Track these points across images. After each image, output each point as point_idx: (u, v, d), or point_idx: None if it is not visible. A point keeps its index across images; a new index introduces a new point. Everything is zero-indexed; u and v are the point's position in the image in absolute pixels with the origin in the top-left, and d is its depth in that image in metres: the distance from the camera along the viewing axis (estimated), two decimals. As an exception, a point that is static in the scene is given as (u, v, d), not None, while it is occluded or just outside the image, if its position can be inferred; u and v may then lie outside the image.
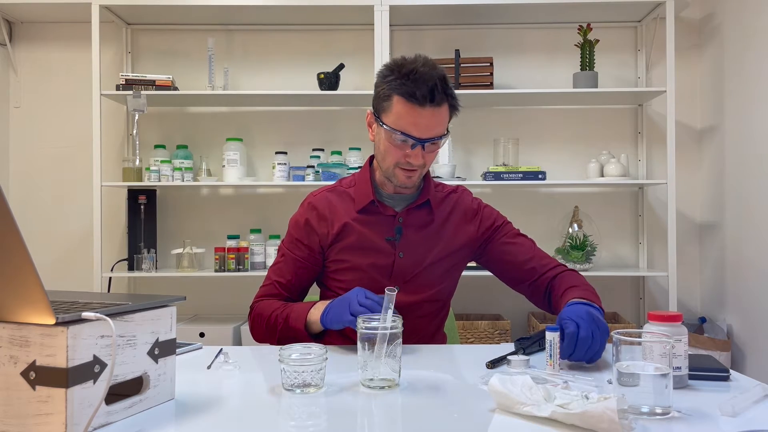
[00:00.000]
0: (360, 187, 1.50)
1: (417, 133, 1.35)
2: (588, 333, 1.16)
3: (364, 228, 1.47)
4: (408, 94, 1.32)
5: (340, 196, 1.51)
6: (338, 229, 1.47)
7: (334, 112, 3.09)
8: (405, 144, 1.37)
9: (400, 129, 1.35)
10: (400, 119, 1.35)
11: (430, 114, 1.34)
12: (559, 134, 3.07)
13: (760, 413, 0.92)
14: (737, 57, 2.71)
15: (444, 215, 1.53)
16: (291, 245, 1.51)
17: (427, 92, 1.32)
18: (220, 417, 0.91)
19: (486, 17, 2.97)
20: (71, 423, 0.78)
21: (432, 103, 1.33)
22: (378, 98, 1.40)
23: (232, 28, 3.09)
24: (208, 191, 3.11)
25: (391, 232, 1.47)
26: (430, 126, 1.35)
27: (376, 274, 1.46)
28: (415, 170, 1.40)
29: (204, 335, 2.76)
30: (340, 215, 1.48)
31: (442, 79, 1.35)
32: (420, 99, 1.32)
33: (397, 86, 1.34)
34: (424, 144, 1.36)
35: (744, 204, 2.65)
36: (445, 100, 1.36)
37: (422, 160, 1.38)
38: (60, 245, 3.08)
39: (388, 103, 1.36)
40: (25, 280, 0.77)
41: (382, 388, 1.05)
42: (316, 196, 1.52)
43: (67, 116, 3.09)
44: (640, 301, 3.06)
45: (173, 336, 0.98)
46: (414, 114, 1.33)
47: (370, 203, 1.47)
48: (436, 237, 1.50)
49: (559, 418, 0.86)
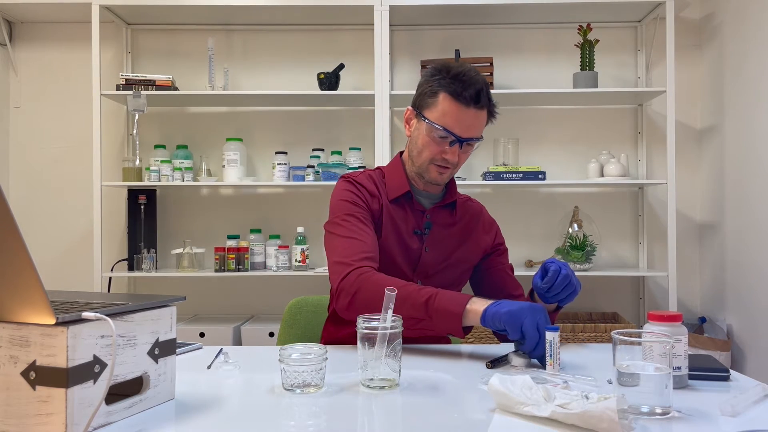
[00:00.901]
0: (394, 178, 1.53)
1: (458, 131, 1.41)
2: (568, 272, 1.33)
3: (398, 216, 1.51)
4: (456, 93, 1.39)
5: (377, 180, 1.54)
6: (381, 207, 1.50)
7: (334, 112, 3.09)
8: (444, 140, 1.43)
9: (443, 125, 1.41)
10: (445, 116, 1.41)
11: (473, 115, 1.41)
12: (559, 134, 3.07)
13: (760, 413, 0.92)
14: (737, 57, 2.71)
15: (466, 219, 1.59)
16: (355, 209, 1.44)
17: (474, 94, 1.39)
18: (220, 417, 0.91)
19: (486, 17, 2.98)
20: (71, 423, 0.78)
21: (476, 105, 1.40)
22: (423, 95, 1.45)
23: (232, 28, 3.09)
24: (208, 191, 3.11)
25: (419, 227, 1.52)
26: (471, 126, 1.42)
27: (403, 263, 1.49)
28: (448, 168, 1.46)
29: (204, 335, 2.76)
30: (381, 196, 1.52)
31: (487, 85, 1.44)
32: (467, 99, 1.39)
33: (446, 84, 1.40)
34: (462, 143, 1.42)
35: (744, 204, 2.65)
36: (487, 105, 1.43)
37: (457, 158, 1.44)
38: (60, 245, 3.08)
39: (433, 100, 1.42)
40: (25, 280, 0.77)
41: (382, 388, 1.05)
42: (358, 176, 1.53)
43: (67, 116, 3.09)
44: (640, 301, 3.06)
45: (173, 336, 0.98)
46: (459, 112, 1.40)
47: (405, 194, 1.51)
48: (458, 238, 1.56)
49: (559, 418, 0.86)
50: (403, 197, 1.51)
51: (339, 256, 1.39)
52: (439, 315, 1.27)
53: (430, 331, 1.32)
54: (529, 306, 1.21)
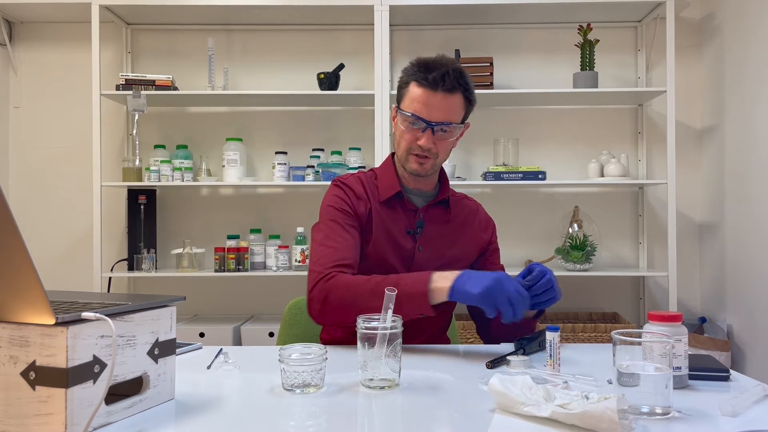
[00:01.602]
0: (385, 179, 1.53)
1: (427, 115, 1.40)
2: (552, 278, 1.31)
3: (389, 217, 1.50)
4: (422, 78, 1.40)
5: (369, 182, 1.54)
6: (369, 210, 1.50)
7: (334, 112, 3.09)
8: (416, 128, 1.42)
9: (411, 111, 1.41)
10: (413, 102, 1.42)
11: (441, 98, 1.40)
12: (559, 134, 3.07)
13: (760, 413, 0.92)
14: (737, 57, 2.71)
15: (461, 217, 1.58)
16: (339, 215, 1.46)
17: (439, 76, 1.38)
18: (220, 417, 0.91)
19: (486, 17, 2.98)
20: (71, 423, 0.78)
21: (444, 87, 1.39)
22: (398, 89, 1.48)
23: (232, 28, 3.09)
24: (208, 191, 3.11)
25: (412, 226, 1.51)
26: (441, 110, 1.40)
27: (396, 263, 1.49)
28: (427, 157, 1.44)
29: (204, 335, 2.76)
30: (370, 199, 1.51)
31: (458, 70, 1.42)
32: (432, 83, 1.39)
33: (413, 73, 1.43)
34: (433, 127, 1.41)
35: (744, 204, 2.65)
36: (458, 88, 1.41)
37: (432, 145, 1.42)
38: (60, 245, 3.08)
39: (405, 90, 1.45)
40: (25, 280, 0.77)
41: (382, 388, 1.05)
42: (347, 179, 1.55)
43: (67, 116, 3.09)
44: (640, 301, 3.06)
45: (173, 336, 0.98)
46: (426, 96, 1.40)
47: (396, 194, 1.50)
48: (453, 236, 1.55)
49: (559, 418, 0.85)
50: (394, 198, 1.51)
51: (313, 263, 1.42)
52: (405, 299, 1.27)
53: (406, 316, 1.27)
54: (496, 281, 1.21)
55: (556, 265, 2.94)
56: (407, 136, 1.44)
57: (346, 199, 1.49)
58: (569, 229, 2.90)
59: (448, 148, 1.48)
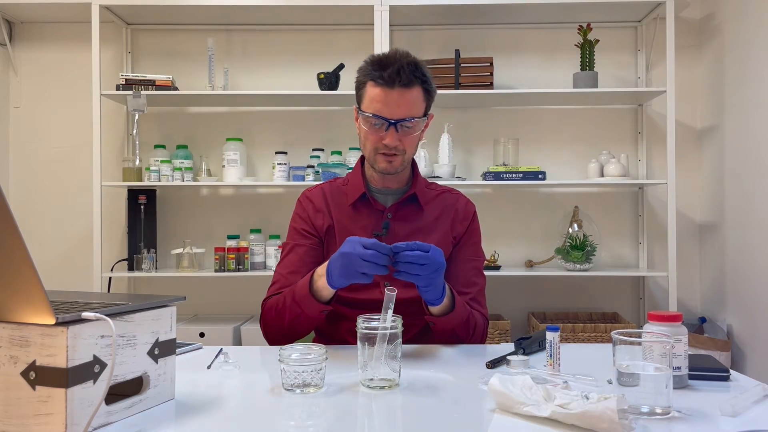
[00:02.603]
0: (352, 183, 1.53)
1: (387, 113, 1.38)
2: (432, 259, 1.22)
3: (354, 222, 1.49)
4: (377, 77, 1.38)
5: (333, 191, 1.55)
6: (333, 222, 1.50)
7: (334, 112, 3.09)
8: (379, 128, 1.40)
9: (372, 111, 1.39)
10: (372, 102, 1.40)
11: (398, 95, 1.37)
12: (559, 134, 3.07)
13: (760, 413, 0.92)
14: (737, 57, 2.71)
15: (435, 212, 1.53)
16: (296, 236, 1.53)
17: (393, 72, 1.36)
18: (220, 417, 0.91)
19: (486, 17, 2.98)
20: (71, 423, 0.78)
21: (400, 83, 1.37)
22: (356, 90, 1.46)
23: (232, 28, 3.09)
24: (208, 191, 3.11)
25: (378, 227, 1.49)
26: (401, 106, 1.38)
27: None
28: (395, 155, 1.42)
29: (204, 335, 2.76)
30: (334, 209, 1.51)
31: (413, 63, 1.40)
32: (387, 80, 1.37)
33: (368, 72, 1.41)
34: (396, 125, 1.39)
35: (744, 204, 2.65)
36: (415, 81, 1.39)
37: (398, 142, 1.40)
38: (60, 245, 3.08)
39: (362, 91, 1.43)
40: (25, 280, 0.77)
41: (382, 388, 1.05)
42: (311, 191, 1.57)
43: (67, 116, 3.09)
44: (640, 301, 3.06)
45: (173, 336, 0.98)
46: (383, 95, 1.38)
47: (361, 196, 1.50)
48: (424, 233, 1.50)
49: (559, 418, 0.86)
50: (360, 200, 1.50)
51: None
52: (301, 301, 1.33)
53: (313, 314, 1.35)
54: (341, 253, 1.22)
55: (556, 265, 2.94)
56: (371, 136, 1.42)
57: (304, 215, 1.52)
58: (569, 229, 2.90)
59: (415, 142, 1.45)
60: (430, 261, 1.21)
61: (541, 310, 3.04)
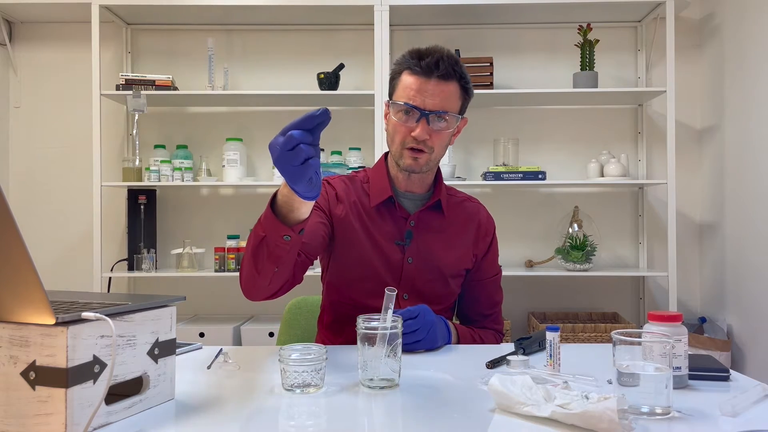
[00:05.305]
0: (376, 182, 1.45)
1: (421, 103, 1.32)
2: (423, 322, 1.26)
3: (375, 225, 1.43)
4: (414, 65, 1.33)
5: (356, 186, 1.47)
6: (351, 218, 1.42)
7: (334, 112, 3.08)
8: (410, 117, 1.34)
9: (404, 99, 1.34)
10: (406, 90, 1.34)
11: (434, 85, 1.32)
12: (559, 134, 3.07)
13: (760, 413, 0.92)
14: (737, 57, 2.71)
15: (458, 221, 1.49)
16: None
17: (432, 62, 1.32)
18: (220, 417, 0.91)
19: (486, 17, 2.98)
20: (71, 423, 0.78)
21: (438, 74, 1.32)
22: (390, 82, 1.41)
23: (232, 28, 3.09)
24: (208, 191, 3.11)
25: (401, 236, 1.43)
26: (435, 97, 1.32)
27: (386, 275, 1.42)
28: (422, 151, 1.35)
29: (204, 335, 2.76)
30: (356, 205, 1.44)
31: (453, 57, 1.35)
32: (425, 69, 1.32)
33: (405, 62, 1.36)
34: (428, 116, 1.32)
35: (744, 204, 2.65)
36: (453, 75, 1.34)
37: (426, 136, 1.33)
38: (60, 245, 3.08)
39: (396, 81, 1.38)
40: (25, 280, 0.77)
41: (382, 388, 1.05)
42: (333, 179, 1.48)
43: (67, 116, 3.09)
44: (640, 301, 3.06)
45: (173, 336, 0.98)
46: (419, 83, 1.33)
47: (387, 199, 1.43)
48: (447, 244, 1.45)
49: (559, 418, 0.85)
50: (384, 203, 1.43)
51: None
52: (266, 224, 1.16)
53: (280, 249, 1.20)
54: (273, 147, 0.98)
55: (556, 265, 2.94)
56: (401, 128, 1.35)
57: (325, 195, 1.43)
58: (569, 229, 2.90)
59: (444, 141, 1.38)
60: (422, 325, 1.24)
61: (541, 310, 3.04)
